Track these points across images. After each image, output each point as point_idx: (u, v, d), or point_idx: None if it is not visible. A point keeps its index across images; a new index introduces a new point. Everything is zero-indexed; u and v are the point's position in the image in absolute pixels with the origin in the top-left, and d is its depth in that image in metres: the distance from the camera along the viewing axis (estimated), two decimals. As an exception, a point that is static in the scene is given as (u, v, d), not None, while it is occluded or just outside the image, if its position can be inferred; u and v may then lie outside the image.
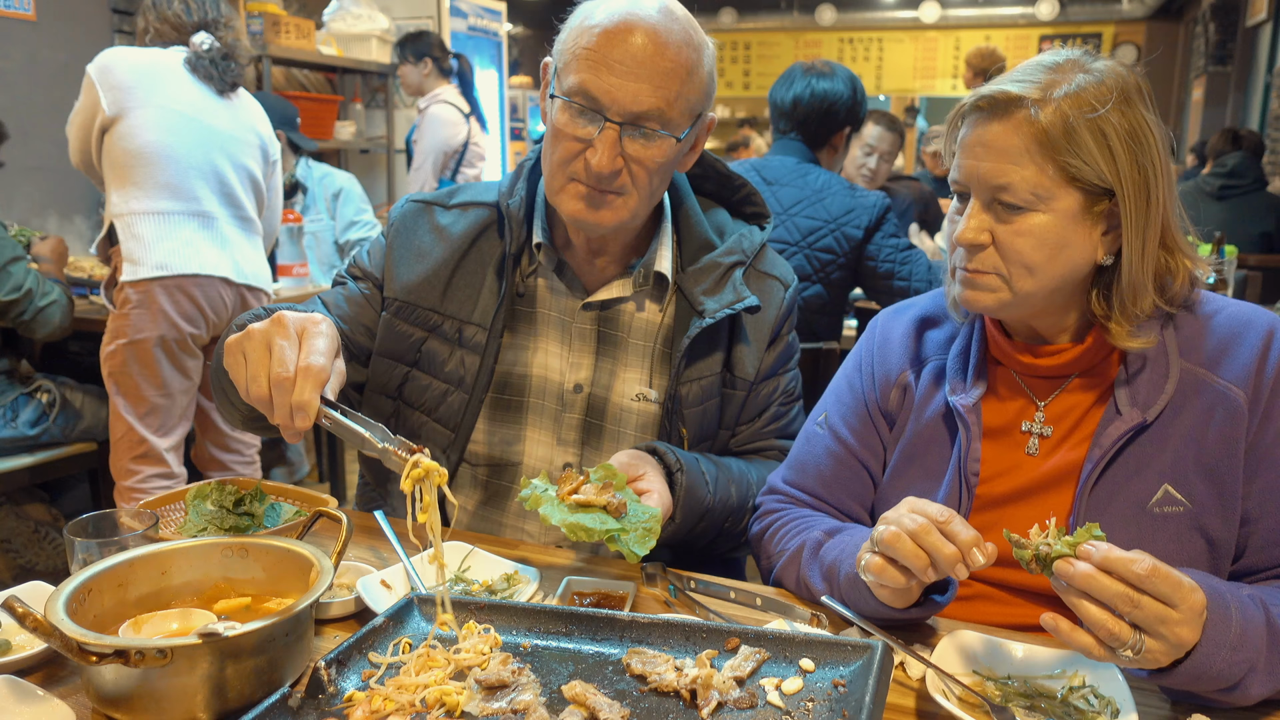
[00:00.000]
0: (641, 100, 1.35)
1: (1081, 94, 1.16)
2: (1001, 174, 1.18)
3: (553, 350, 1.56)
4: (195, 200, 3.00)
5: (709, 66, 1.43)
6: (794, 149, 2.94)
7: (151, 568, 1.15)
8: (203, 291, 3.01)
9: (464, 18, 6.23)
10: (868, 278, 2.86)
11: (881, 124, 4.04)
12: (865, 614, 1.19)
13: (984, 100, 1.19)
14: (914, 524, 1.07)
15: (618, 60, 1.34)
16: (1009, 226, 1.20)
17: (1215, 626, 1.00)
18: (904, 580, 1.10)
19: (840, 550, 1.26)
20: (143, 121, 2.92)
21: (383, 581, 1.27)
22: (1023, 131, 1.17)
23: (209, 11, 3.07)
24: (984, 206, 1.21)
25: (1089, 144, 1.16)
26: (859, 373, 1.46)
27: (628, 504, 1.25)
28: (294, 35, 5.25)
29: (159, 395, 3.00)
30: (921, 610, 1.17)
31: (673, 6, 1.41)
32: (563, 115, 1.38)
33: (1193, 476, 1.20)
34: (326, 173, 4.54)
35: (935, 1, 13.04)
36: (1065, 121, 1.15)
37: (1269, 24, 9.45)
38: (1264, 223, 5.14)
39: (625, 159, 1.38)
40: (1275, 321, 1.25)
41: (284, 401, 1.12)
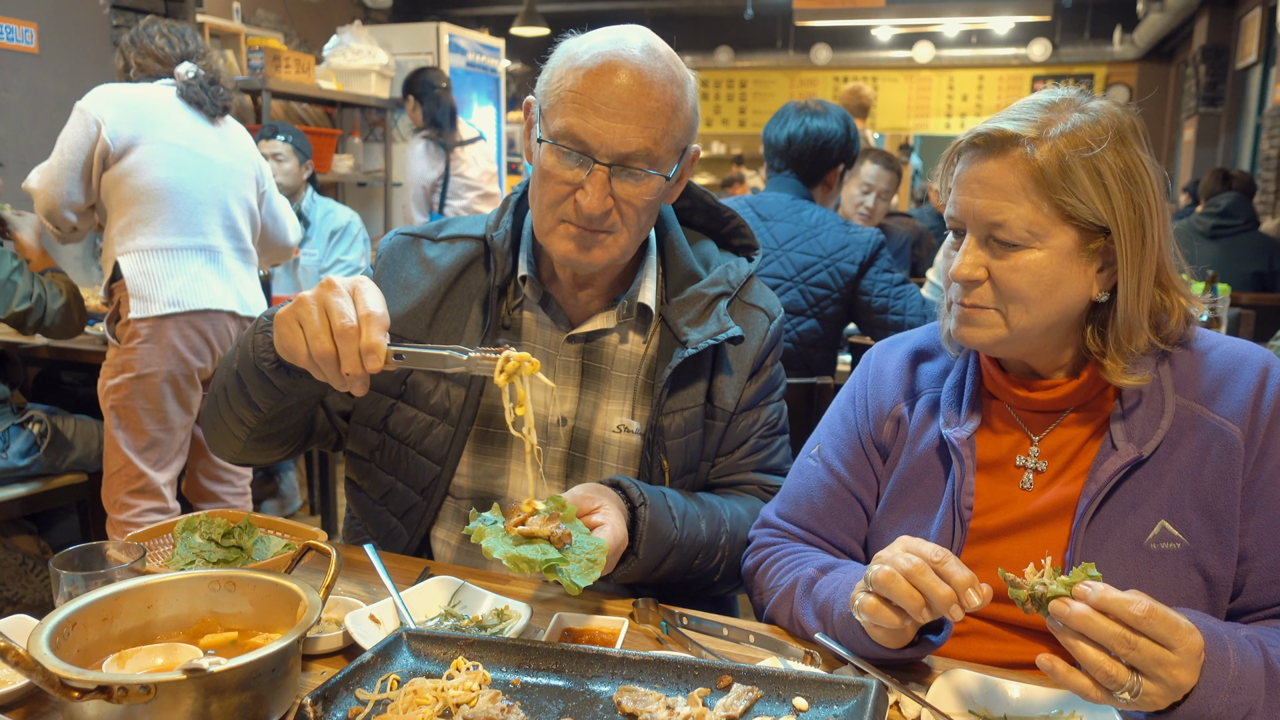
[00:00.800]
0: (629, 141, 1.35)
1: (1077, 133, 1.17)
2: (997, 211, 1.19)
3: (537, 383, 1.55)
4: (202, 235, 3.02)
5: (692, 101, 1.44)
6: (789, 186, 2.96)
7: (137, 601, 1.14)
8: (212, 326, 3.03)
9: (463, 54, 6.29)
10: (861, 312, 2.87)
11: (879, 162, 4.08)
12: (859, 653, 1.18)
13: (980, 138, 1.20)
14: (909, 564, 1.07)
15: (603, 102, 1.34)
16: (1004, 263, 1.20)
17: (1213, 668, 0.99)
18: (899, 621, 1.09)
19: (834, 588, 1.24)
20: (149, 158, 2.93)
21: (371, 616, 1.26)
22: (1019, 169, 1.18)
23: (189, 44, 3.12)
24: (980, 243, 1.22)
25: (1084, 182, 1.17)
26: (852, 405, 1.46)
27: (573, 535, 1.24)
28: (294, 69, 5.31)
29: (161, 430, 3.00)
30: (916, 650, 1.16)
31: (655, 44, 1.41)
32: (550, 158, 1.39)
33: (1189, 512, 1.19)
34: (330, 209, 4.56)
35: (929, 42, 13.20)
36: (1061, 160, 1.16)
37: (1258, 66, 9.58)
38: (1257, 262, 5.18)
39: (614, 199, 1.39)
40: (1270, 358, 1.25)
41: (352, 349, 1.19)
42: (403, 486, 1.58)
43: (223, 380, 1.47)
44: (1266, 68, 9.29)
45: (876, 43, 13.54)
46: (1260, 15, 9.31)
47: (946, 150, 1.28)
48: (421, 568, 1.49)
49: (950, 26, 12.56)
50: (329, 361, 1.21)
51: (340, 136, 6.00)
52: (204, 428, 1.58)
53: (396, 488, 1.58)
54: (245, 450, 1.53)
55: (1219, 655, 1.00)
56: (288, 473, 4.49)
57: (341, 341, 1.19)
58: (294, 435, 1.56)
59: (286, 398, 1.42)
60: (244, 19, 7.68)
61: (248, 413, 1.45)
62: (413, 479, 1.57)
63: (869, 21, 11.82)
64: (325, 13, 8.45)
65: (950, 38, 13.26)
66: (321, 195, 4.70)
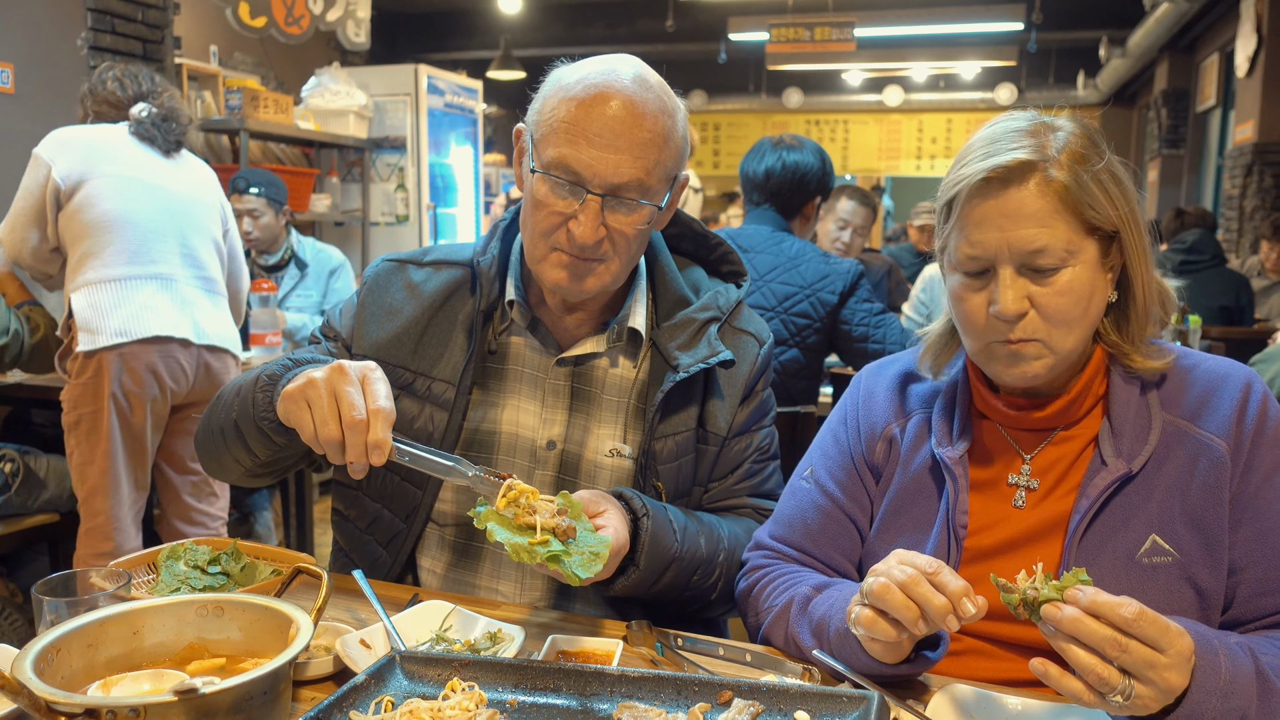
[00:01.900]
0: (622, 172, 1.36)
1: (1073, 148, 1.20)
2: (1034, 239, 1.18)
3: (525, 407, 1.55)
4: (153, 262, 2.97)
5: (682, 130, 1.46)
6: (768, 218, 3.00)
7: (123, 627, 1.11)
8: (161, 355, 2.95)
9: (441, 95, 6.34)
10: (842, 341, 2.89)
11: (855, 199, 4.14)
12: (856, 670, 1.17)
13: (996, 171, 1.18)
14: (904, 575, 1.07)
15: (596, 133, 1.35)
16: (1048, 289, 1.20)
17: (1205, 673, 1.00)
18: (895, 633, 1.08)
19: (829, 606, 1.24)
20: (99, 191, 2.90)
21: (362, 641, 1.24)
22: (1047, 193, 1.18)
23: (143, 84, 3.12)
24: (1016, 274, 1.20)
25: (1096, 193, 1.19)
26: (844, 426, 1.47)
27: (578, 530, 1.24)
28: (273, 110, 5.32)
29: (118, 463, 2.94)
30: (913, 666, 1.16)
31: (645, 73, 1.43)
32: (543, 188, 1.40)
33: (1179, 526, 1.21)
34: (320, 249, 4.54)
35: (898, 86, 13.47)
36: (1076, 176, 1.18)
37: (1218, 109, 9.85)
38: (1224, 297, 5.28)
39: (607, 228, 1.40)
40: (1251, 374, 1.27)
41: (359, 441, 1.21)
42: (388, 514, 1.57)
43: (220, 423, 1.47)
44: (1225, 111, 9.56)
45: (847, 86, 13.79)
46: (1218, 60, 9.59)
47: (944, 197, 1.26)
48: (410, 594, 1.47)
49: (918, 71, 12.84)
50: (334, 447, 1.23)
51: (318, 176, 6.01)
52: (199, 453, 1.57)
53: (383, 515, 1.57)
54: (241, 479, 1.55)
55: (1210, 660, 1.01)
56: (263, 512, 4.43)
57: (350, 433, 1.21)
58: (291, 468, 1.57)
59: (284, 451, 1.43)
60: (221, 61, 7.72)
61: (245, 456, 1.46)
62: (396, 505, 1.56)
63: (839, 66, 12.05)
64: (302, 56, 8.50)
65: (919, 82, 13.53)
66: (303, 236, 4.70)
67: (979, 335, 1.25)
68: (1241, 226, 7.85)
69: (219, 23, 6.90)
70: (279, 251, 4.44)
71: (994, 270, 1.21)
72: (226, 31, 7.17)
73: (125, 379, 2.89)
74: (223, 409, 1.47)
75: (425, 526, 1.56)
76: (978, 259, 1.22)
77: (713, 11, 10.30)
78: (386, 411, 1.22)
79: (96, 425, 2.89)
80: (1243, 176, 7.92)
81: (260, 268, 4.37)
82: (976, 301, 1.23)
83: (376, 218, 6.28)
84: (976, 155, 1.22)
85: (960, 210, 1.22)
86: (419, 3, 11.08)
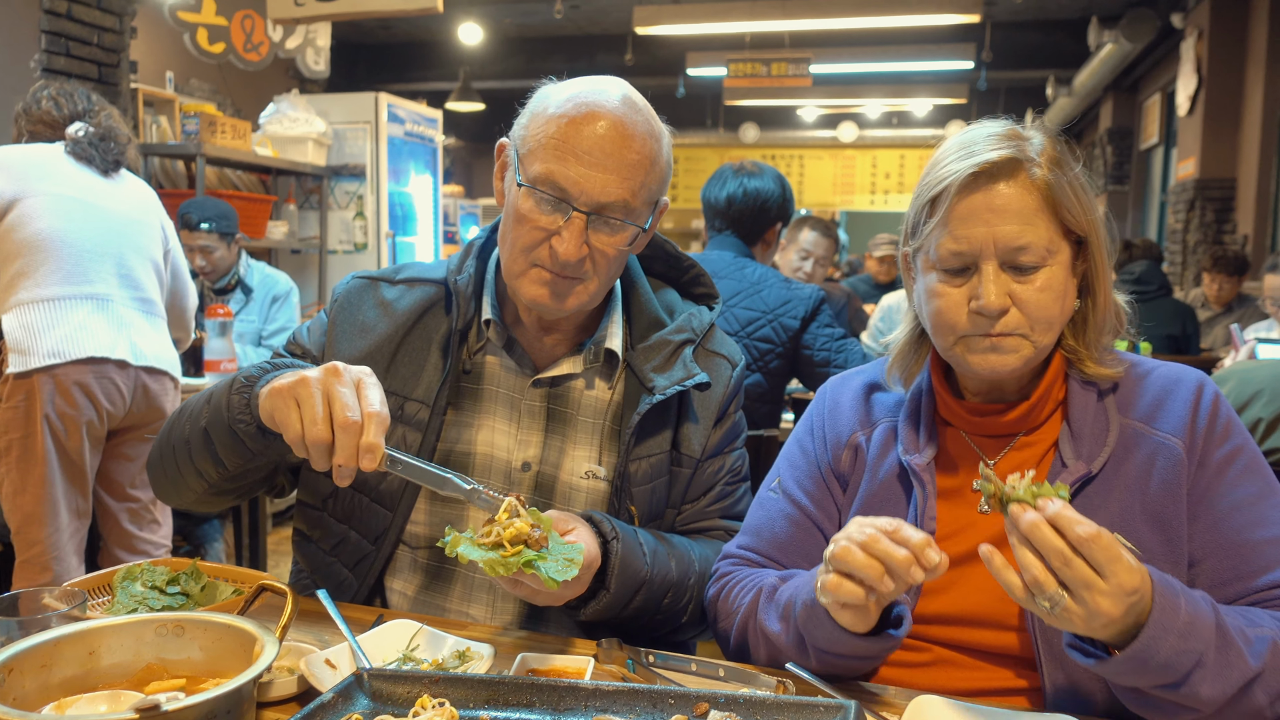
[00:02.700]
0: (609, 191, 1.36)
1: (1049, 152, 1.24)
2: (1020, 235, 1.21)
3: (500, 428, 1.53)
4: (89, 283, 2.90)
5: (667, 155, 1.47)
6: (730, 244, 3.02)
7: (78, 647, 1.08)
8: (96, 376, 2.87)
9: (401, 124, 6.34)
10: (804, 366, 2.91)
11: (817, 230, 4.20)
12: (823, 647, 1.19)
13: (983, 165, 1.21)
14: (864, 535, 1.10)
15: (585, 150, 1.35)
16: (1029, 286, 1.22)
17: (1164, 611, 1.03)
18: (862, 593, 1.10)
19: (795, 588, 1.26)
20: (32, 210, 2.84)
21: (327, 661, 1.21)
22: (1032, 191, 1.21)
23: (78, 103, 3.06)
24: (999, 270, 1.23)
25: (1071, 197, 1.23)
26: (810, 436, 1.47)
27: (549, 539, 1.23)
28: (230, 135, 5.28)
29: (54, 489, 2.85)
30: (880, 642, 1.17)
31: (633, 95, 1.44)
32: (528, 203, 1.39)
33: (1140, 525, 1.23)
34: (268, 274, 4.50)
35: (853, 122, 13.73)
36: (1057, 179, 1.22)
37: (1160, 147, 10.16)
38: (1170, 326, 5.41)
39: (589, 246, 1.39)
40: (1202, 377, 1.31)
41: (351, 443, 1.17)
42: (355, 536, 1.53)
43: (185, 435, 1.42)
44: (1168, 148, 9.87)
45: (802, 122, 14.02)
46: (1160, 100, 9.92)
47: (926, 195, 1.27)
48: (374, 615, 1.44)
49: (872, 108, 13.09)
50: (321, 448, 1.19)
51: (276, 203, 5.95)
52: (152, 475, 1.52)
53: (349, 537, 1.53)
54: (198, 501, 1.49)
55: (1170, 600, 1.03)
56: (214, 543, 4.33)
57: (342, 434, 1.17)
58: (251, 486, 1.52)
59: (256, 459, 1.38)
60: (177, 88, 7.65)
61: (211, 470, 1.41)
62: (365, 527, 1.53)
63: (795, 102, 12.25)
64: (259, 83, 8.46)
65: (872, 118, 13.81)
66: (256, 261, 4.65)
67: (954, 331, 1.26)
68: (1185, 259, 8.08)
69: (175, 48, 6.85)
70: (227, 276, 4.40)
71: (976, 267, 1.23)
72: (183, 57, 7.11)
73: (58, 401, 2.81)
74: (188, 419, 1.43)
75: (396, 549, 1.53)
76: (962, 255, 1.23)
77: (671, 46, 10.44)
78: (381, 415, 1.19)
79: (29, 450, 2.81)
80: (1185, 211, 8.16)
81: (209, 290, 4.31)
82: (956, 297, 1.25)
83: (334, 246, 6.23)
84: (955, 156, 1.24)
85: (947, 206, 1.23)
86: (378, 33, 11.10)
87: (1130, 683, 1.06)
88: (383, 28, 10.85)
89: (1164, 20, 8.21)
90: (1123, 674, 1.05)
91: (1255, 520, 1.21)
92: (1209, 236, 7.76)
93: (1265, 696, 1.07)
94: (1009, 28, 9.81)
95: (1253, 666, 1.06)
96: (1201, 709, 1.06)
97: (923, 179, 1.29)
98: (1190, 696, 1.04)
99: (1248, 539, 1.20)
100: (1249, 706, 1.07)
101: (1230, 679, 1.05)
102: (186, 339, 3.42)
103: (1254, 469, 1.25)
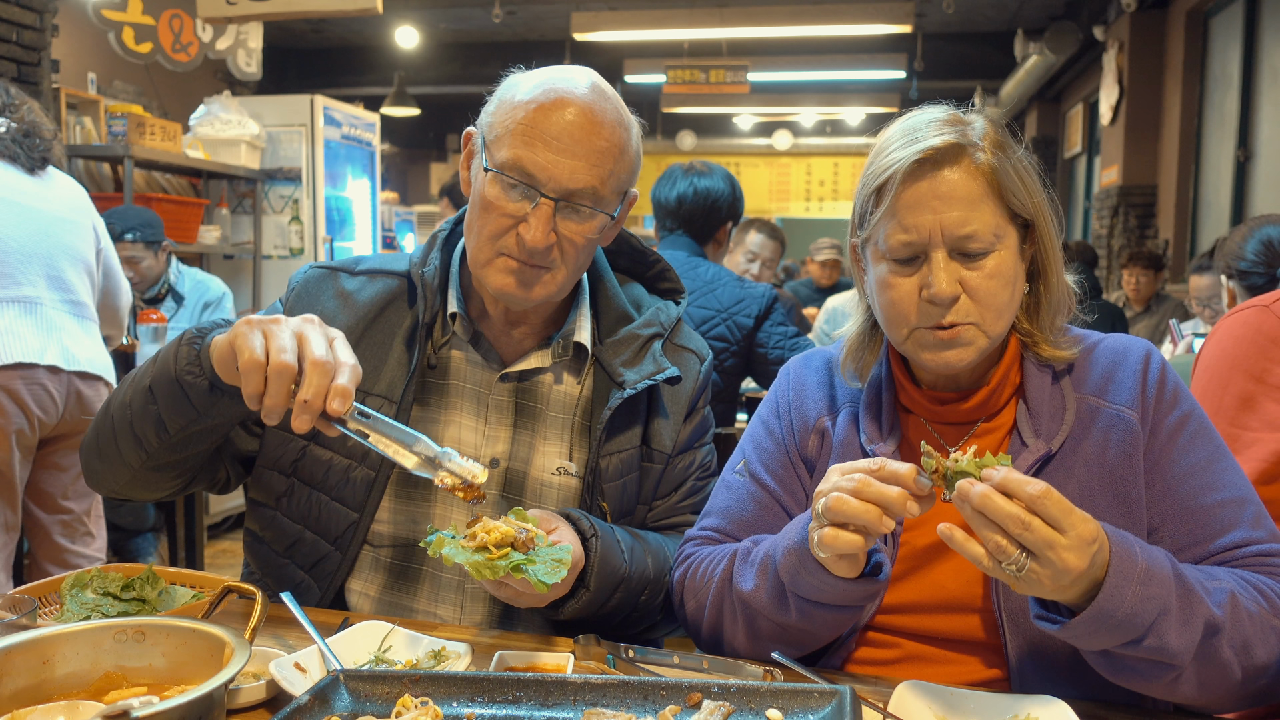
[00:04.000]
0: (578, 178, 1.34)
1: (992, 136, 1.24)
2: (966, 221, 1.20)
3: (467, 423, 1.50)
4: (15, 285, 2.77)
5: (636, 145, 1.45)
6: (682, 244, 3.02)
7: (31, 657, 1.01)
8: (25, 382, 2.74)
9: (338, 126, 6.21)
10: (758, 364, 2.93)
11: (763, 232, 4.24)
12: (808, 596, 1.19)
13: (927, 152, 1.19)
14: (853, 483, 1.10)
15: (554, 136, 1.33)
16: (978, 272, 1.22)
17: (1121, 560, 1.04)
18: (860, 541, 1.10)
19: (772, 542, 1.25)
20: None
21: (296, 664, 1.16)
22: (977, 176, 1.21)
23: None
24: (949, 257, 1.22)
25: (1016, 181, 1.23)
26: (777, 418, 1.46)
27: (536, 540, 1.20)
28: (160, 137, 5.11)
29: None
30: (866, 585, 1.18)
31: (602, 84, 1.42)
32: (495, 189, 1.36)
33: (1101, 500, 1.24)
34: (200, 280, 4.39)
35: (788, 130, 13.91)
36: (1001, 163, 1.22)
37: (1083, 155, 10.49)
38: (1100, 327, 5.56)
39: (557, 234, 1.37)
40: (1148, 345, 1.34)
41: (322, 384, 1.10)
42: (312, 536, 1.48)
43: (126, 399, 1.35)
44: (1090, 156, 10.19)
45: (738, 130, 14.16)
46: (1082, 110, 10.24)
47: (871, 185, 1.25)
48: (339, 618, 1.39)
49: (807, 116, 13.28)
50: (282, 377, 1.11)
51: (207, 207, 5.79)
52: (86, 454, 1.44)
53: (305, 537, 1.48)
54: (133, 480, 1.40)
55: (1125, 550, 1.05)
56: (148, 557, 4.18)
57: (315, 372, 1.11)
58: (190, 469, 1.44)
59: (200, 419, 1.31)
60: (100, 89, 7.41)
61: (152, 434, 1.33)
62: (324, 528, 1.47)
63: (732, 109, 12.36)
64: (187, 85, 8.23)
65: (807, 127, 14.01)
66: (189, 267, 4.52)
67: (907, 323, 1.25)
68: (1110, 263, 8.33)
69: (98, 48, 6.63)
70: (157, 285, 4.28)
71: (925, 255, 1.22)
72: (106, 58, 6.89)
73: None
74: (130, 383, 1.36)
75: (361, 549, 1.48)
76: (911, 244, 1.22)
77: (609, 53, 10.44)
78: (356, 367, 1.13)
79: None
80: (1110, 217, 8.42)
81: (138, 300, 4.19)
82: (907, 287, 1.23)
83: (269, 251, 6.08)
84: (899, 143, 1.23)
85: (893, 195, 1.22)
86: (309, 37, 10.89)
87: (1100, 644, 1.07)
88: (314, 31, 10.66)
89: (1086, 33, 8.48)
90: (1091, 633, 1.05)
91: (1207, 484, 1.23)
92: (1132, 241, 8.02)
93: (1230, 649, 1.08)
94: (939, 39, 10.04)
95: (1216, 614, 1.07)
96: (1173, 662, 1.06)
97: (868, 167, 1.28)
98: (1160, 650, 1.05)
99: (1202, 503, 1.22)
100: (1217, 661, 1.08)
101: (1195, 625, 1.06)
102: (119, 336, 3.30)
103: (1202, 433, 1.27)
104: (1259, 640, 1.10)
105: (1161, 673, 1.08)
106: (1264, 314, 1.64)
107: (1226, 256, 2.80)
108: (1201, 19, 7.33)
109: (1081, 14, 8.56)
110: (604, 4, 8.88)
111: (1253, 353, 1.62)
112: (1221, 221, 6.83)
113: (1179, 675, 1.08)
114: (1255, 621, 1.11)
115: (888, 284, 1.25)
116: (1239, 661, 1.09)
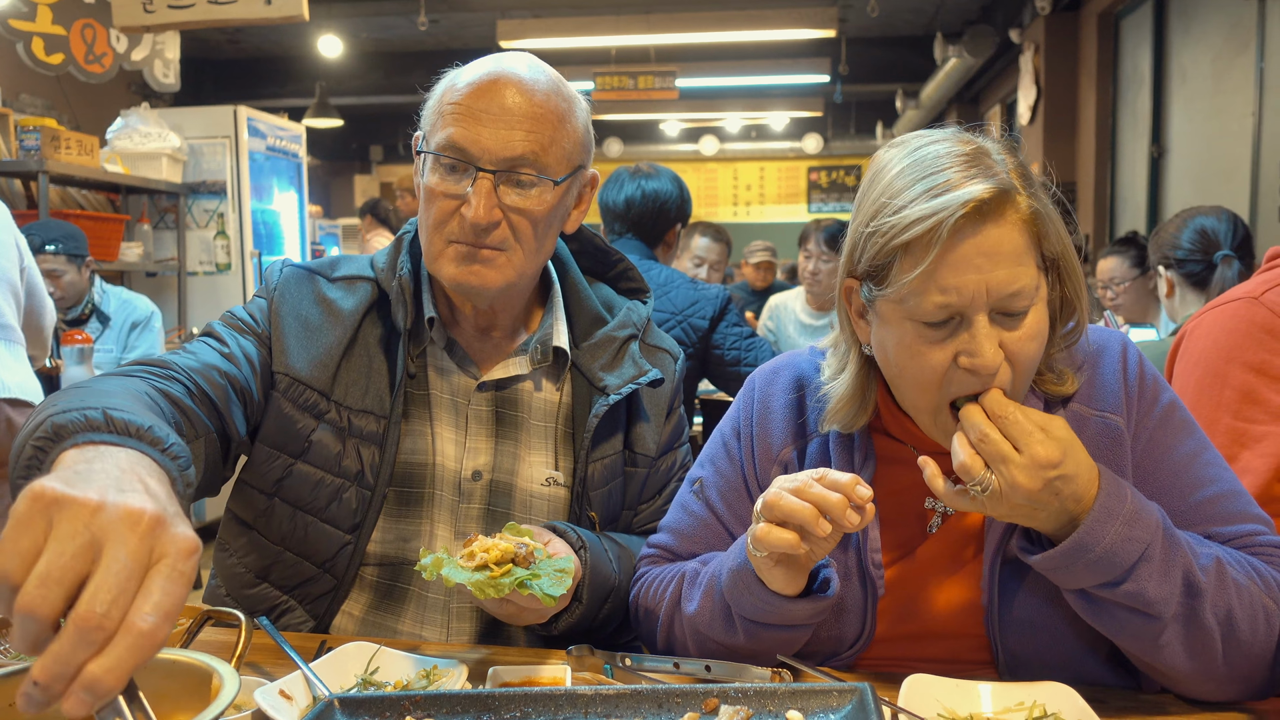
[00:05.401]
0: (514, 145, 1.30)
1: (1018, 170, 1.10)
2: (1014, 280, 1.06)
3: (446, 435, 1.44)
4: None
5: (583, 120, 1.41)
6: (633, 247, 3.00)
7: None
8: None
9: (262, 138, 6.04)
10: (714, 366, 2.92)
11: (709, 235, 4.23)
12: (751, 616, 1.16)
13: (973, 203, 1.04)
14: (794, 483, 1.08)
15: (484, 109, 1.30)
16: (1018, 333, 1.09)
17: (1109, 497, 1.04)
18: (795, 539, 1.06)
19: (718, 563, 1.22)
20: None
21: (281, 692, 1.10)
22: (1019, 228, 1.07)
23: None
24: (990, 322, 1.08)
25: (1048, 221, 1.10)
26: (737, 440, 1.36)
27: (535, 554, 1.17)
28: (75, 151, 4.91)
29: None
30: (810, 604, 1.14)
31: (539, 64, 1.39)
32: (434, 174, 1.33)
33: None
34: (127, 299, 4.23)
35: (714, 135, 14.00)
36: (1035, 207, 1.09)
37: (1002, 154, 10.72)
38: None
39: (504, 210, 1.32)
40: (1123, 338, 1.28)
41: (73, 657, 0.66)
42: (293, 557, 1.41)
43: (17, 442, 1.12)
44: (1011, 153, 10.44)
45: (665, 137, 14.21)
46: (1000, 111, 10.51)
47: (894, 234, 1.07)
48: (316, 642, 1.32)
49: (732, 122, 13.39)
50: (30, 624, 0.67)
51: (128, 223, 5.57)
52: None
53: (284, 558, 1.41)
54: None
55: (1116, 488, 1.05)
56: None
57: (78, 637, 0.66)
58: None
59: None
60: (6, 102, 7.08)
61: None
62: (310, 550, 1.40)
63: (659, 115, 12.40)
64: (100, 98, 7.94)
65: (732, 132, 14.12)
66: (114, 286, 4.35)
67: (937, 392, 1.12)
68: (1033, 260, 8.54)
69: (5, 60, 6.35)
70: (80, 305, 4.11)
71: (961, 318, 1.08)
72: (12, 71, 6.61)
73: None
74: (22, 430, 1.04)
75: (357, 572, 1.42)
76: (948, 306, 1.07)
77: (535, 61, 10.38)
78: (151, 636, 0.68)
79: None
80: (1031, 214, 8.64)
81: (60, 322, 4.01)
82: (940, 356, 1.09)
83: (194, 267, 5.88)
84: (922, 190, 1.07)
85: (935, 254, 1.05)
86: (225, 48, 10.61)
87: (1077, 582, 1.05)
88: (230, 42, 10.38)
89: (1003, 36, 8.71)
90: (1068, 567, 1.04)
91: (1193, 482, 1.21)
92: (1054, 237, 8.23)
93: (1213, 615, 1.06)
94: (861, 43, 10.21)
95: (1199, 574, 1.05)
96: (1151, 612, 1.04)
97: (877, 213, 1.11)
98: (1137, 597, 1.03)
99: (1189, 502, 1.20)
100: (1200, 624, 1.06)
101: (1174, 577, 1.04)
102: (42, 357, 3.14)
103: (1183, 425, 1.24)
104: (1243, 614, 1.07)
105: (1142, 624, 1.06)
106: (1253, 306, 1.61)
107: (1162, 247, 2.89)
108: (1113, 21, 7.59)
109: (997, 17, 8.79)
110: (529, 12, 8.82)
111: (1248, 345, 1.58)
112: (1138, 215, 7.07)
113: (1163, 632, 1.06)
114: (1243, 594, 1.08)
115: (915, 351, 1.11)
116: (1220, 631, 1.07)
